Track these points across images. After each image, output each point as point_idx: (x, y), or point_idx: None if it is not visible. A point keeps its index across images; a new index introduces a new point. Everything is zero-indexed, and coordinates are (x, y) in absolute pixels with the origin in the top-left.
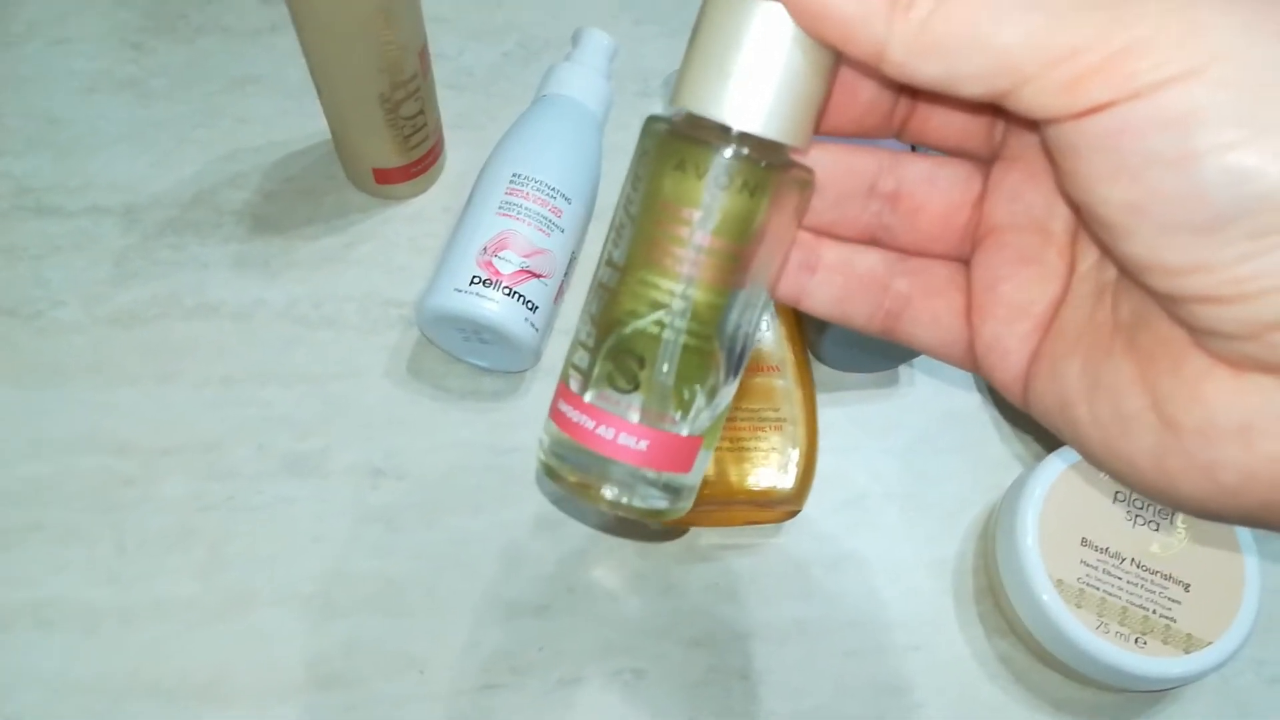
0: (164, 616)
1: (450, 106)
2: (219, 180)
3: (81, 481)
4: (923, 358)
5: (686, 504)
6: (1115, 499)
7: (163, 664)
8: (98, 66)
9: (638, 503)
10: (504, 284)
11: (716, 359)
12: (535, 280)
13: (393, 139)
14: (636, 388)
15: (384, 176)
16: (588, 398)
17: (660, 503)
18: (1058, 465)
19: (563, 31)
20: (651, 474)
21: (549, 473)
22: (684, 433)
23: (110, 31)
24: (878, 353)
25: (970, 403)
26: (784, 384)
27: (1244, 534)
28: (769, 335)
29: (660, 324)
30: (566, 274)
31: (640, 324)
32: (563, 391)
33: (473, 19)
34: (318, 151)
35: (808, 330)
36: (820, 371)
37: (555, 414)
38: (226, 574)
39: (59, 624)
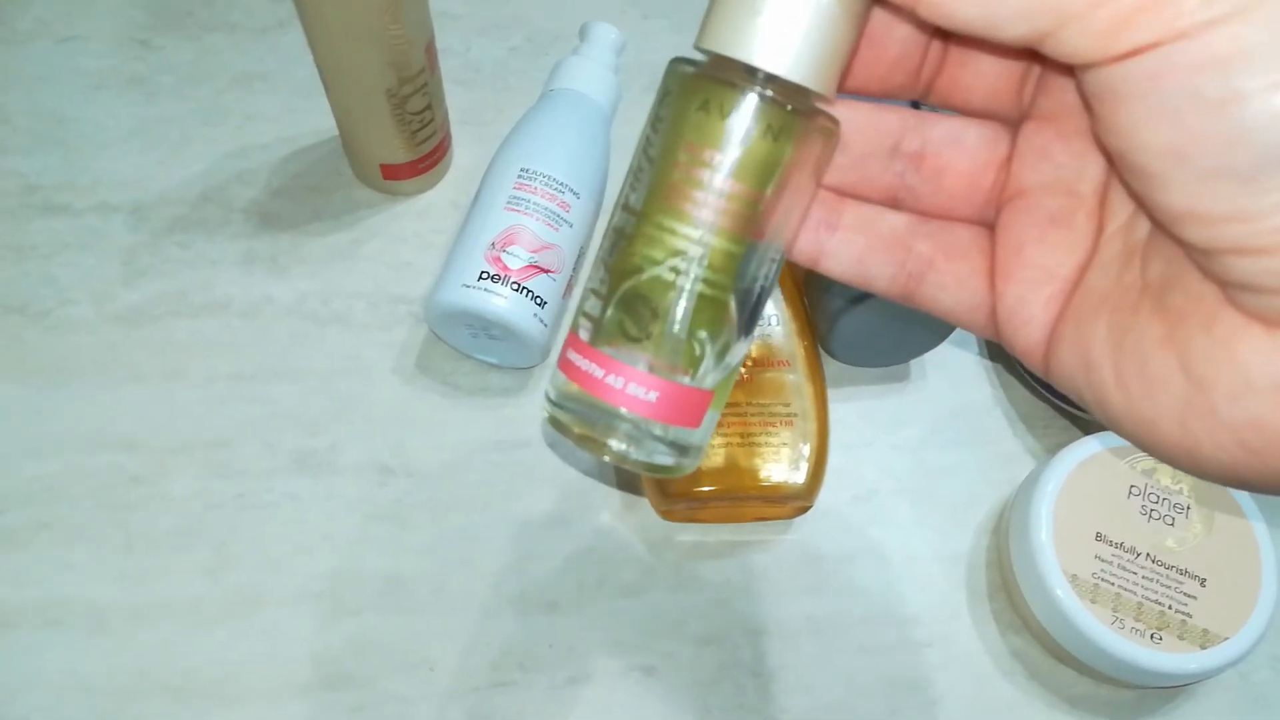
0: (172, 615)
1: (457, 102)
2: (227, 177)
3: (89, 480)
4: (933, 352)
5: (693, 462)
6: (1130, 493)
7: (171, 663)
8: (105, 64)
9: (643, 456)
10: (512, 279)
11: (730, 312)
12: (544, 275)
13: (400, 135)
14: (648, 337)
15: (391, 172)
16: (598, 346)
17: (666, 459)
18: (1071, 460)
19: (570, 26)
20: (659, 428)
21: (555, 425)
22: (694, 386)
23: (117, 29)
24: (888, 347)
25: (982, 397)
26: (795, 379)
27: (1261, 528)
28: (779, 330)
29: (675, 271)
30: (575, 269)
31: (655, 271)
32: (572, 340)
33: (480, 14)
34: (325, 148)
35: (818, 325)
36: (831, 366)
37: (563, 363)
38: (235, 572)
39: (66, 623)
